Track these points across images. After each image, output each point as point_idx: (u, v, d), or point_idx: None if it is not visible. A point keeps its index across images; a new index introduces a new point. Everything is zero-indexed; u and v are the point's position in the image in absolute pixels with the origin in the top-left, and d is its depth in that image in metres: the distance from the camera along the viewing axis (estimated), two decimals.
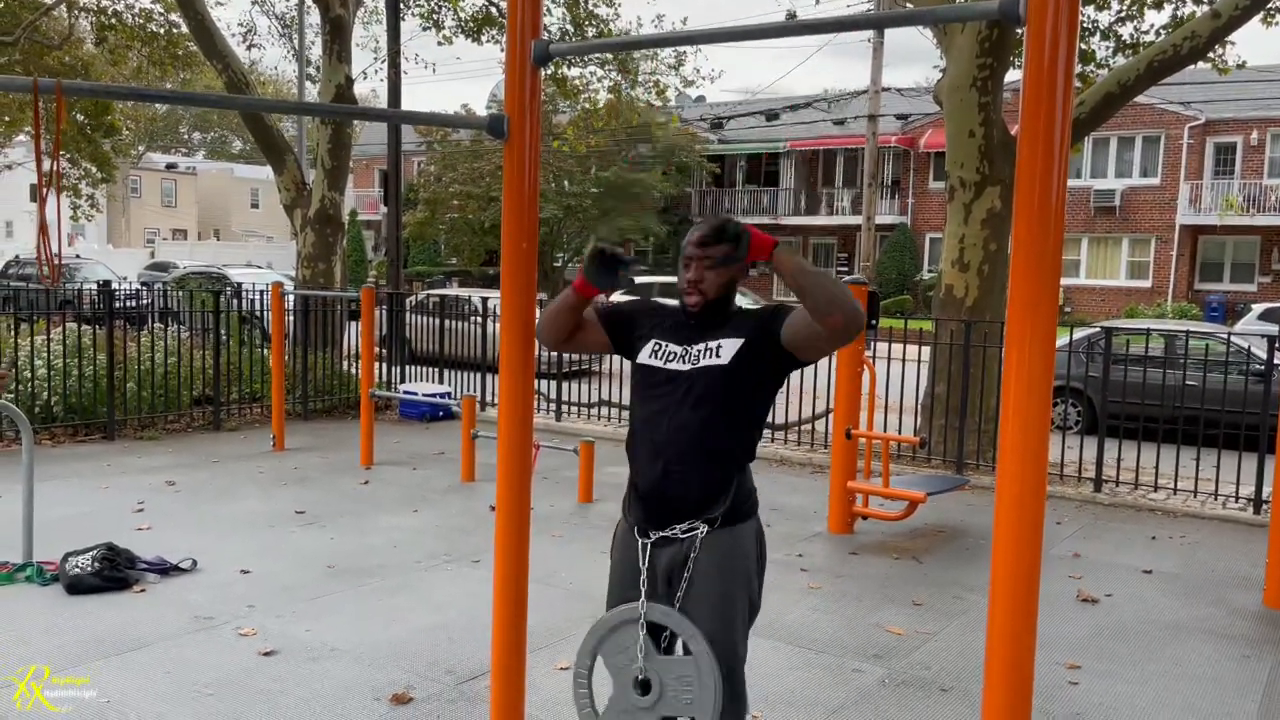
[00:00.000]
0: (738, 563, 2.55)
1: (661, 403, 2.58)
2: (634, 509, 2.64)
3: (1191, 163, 26.83)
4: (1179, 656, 4.43)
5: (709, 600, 2.51)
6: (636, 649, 2.51)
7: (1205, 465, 7.49)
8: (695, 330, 2.63)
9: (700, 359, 2.57)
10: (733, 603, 2.53)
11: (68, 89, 2.34)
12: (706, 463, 2.54)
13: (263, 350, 10.47)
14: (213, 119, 57.96)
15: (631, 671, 2.52)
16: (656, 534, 2.57)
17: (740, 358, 2.53)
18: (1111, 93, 8.64)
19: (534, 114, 2.78)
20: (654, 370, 2.64)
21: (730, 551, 2.54)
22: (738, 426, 2.58)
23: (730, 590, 2.53)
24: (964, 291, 8.41)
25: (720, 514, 2.53)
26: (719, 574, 2.52)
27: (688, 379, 2.56)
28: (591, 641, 2.61)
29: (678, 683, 2.47)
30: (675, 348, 2.63)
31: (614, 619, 2.57)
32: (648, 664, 2.50)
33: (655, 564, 2.58)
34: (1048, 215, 2.08)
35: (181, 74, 18.50)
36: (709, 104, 37.62)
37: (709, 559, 2.52)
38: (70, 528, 5.71)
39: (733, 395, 2.54)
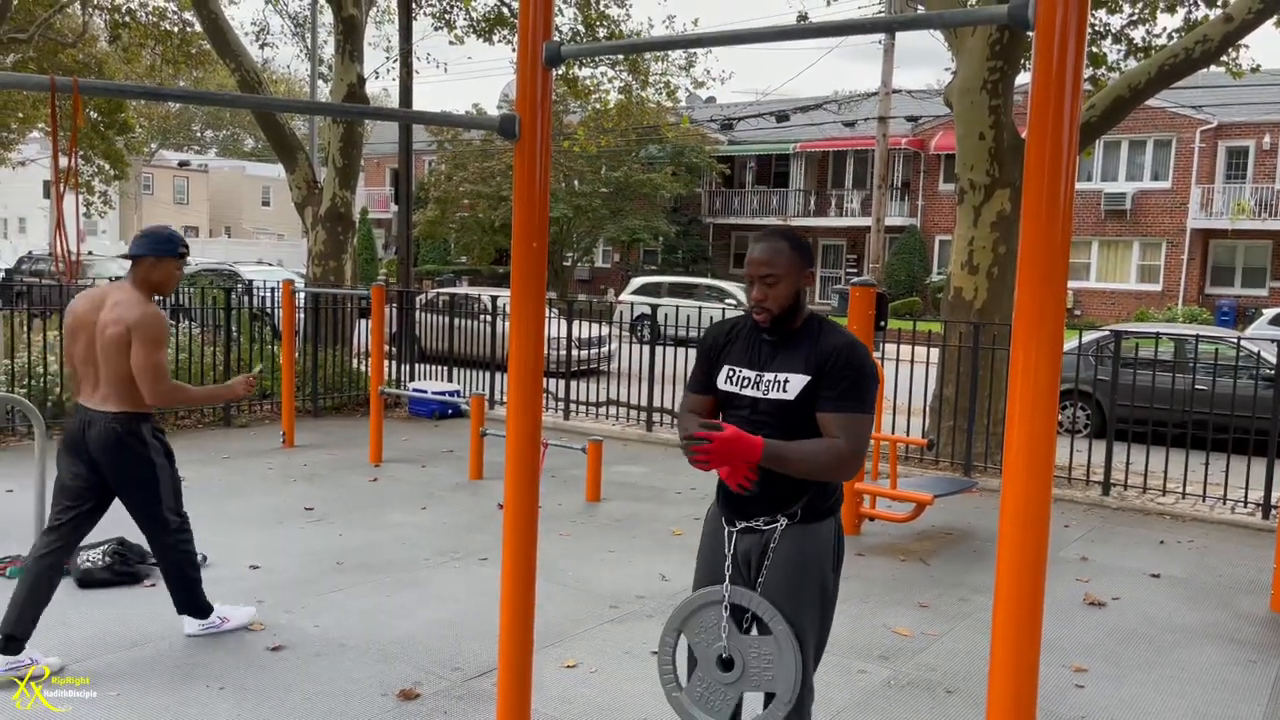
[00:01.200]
0: (813, 556, 2.67)
1: (739, 421, 2.69)
2: (722, 497, 2.78)
3: (1203, 166, 26.72)
4: (1186, 661, 4.42)
5: (782, 588, 2.63)
6: (719, 629, 2.65)
7: (1214, 470, 7.47)
8: (768, 350, 2.72)
9: (770, 390, 2.68)
10: (803, 592, 2.65)
11: (85, 87, 2.37)
12: (780, 476, 2.64)
13: (273, 347, 10.52)
14: (225, 117, 58.18)
15: (715, 650, 2.66)
16: (742, 524, 2.72)
17: (805, 395, 2.64)
18: (1122, 96, 8.63)
19: (545, 115, 2.80)
20: (730, 395, 2.76)
21: (806, 545, 2.66)
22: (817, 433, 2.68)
23: (803, 581, 2.65)
24: (973, 294, 8.41)
25: (799, 509, 2.66)
26: (794, 565, 2.65)
27: (759, 407, 2.68)
28: (676, 621, 2.74)
29: (759, 660, 2.61)
30: (748, 373, 2.73)
31: (698, 600, 2.70)
32: (731, 643, 2.64)
33: (738, 548, 2.72)
34: (1055, 218, 2.09)
35: (194, 72, 18.59)
36: (719, 105, 37.64)
37: (786, 550, 2.65)
38: None
39: (800, 425, 2.64)
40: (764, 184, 34.31)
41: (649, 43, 4.57)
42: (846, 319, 6.48)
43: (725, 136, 33.57)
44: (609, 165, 30.33)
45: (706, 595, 2.69)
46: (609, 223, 30.92)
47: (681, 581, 5.10)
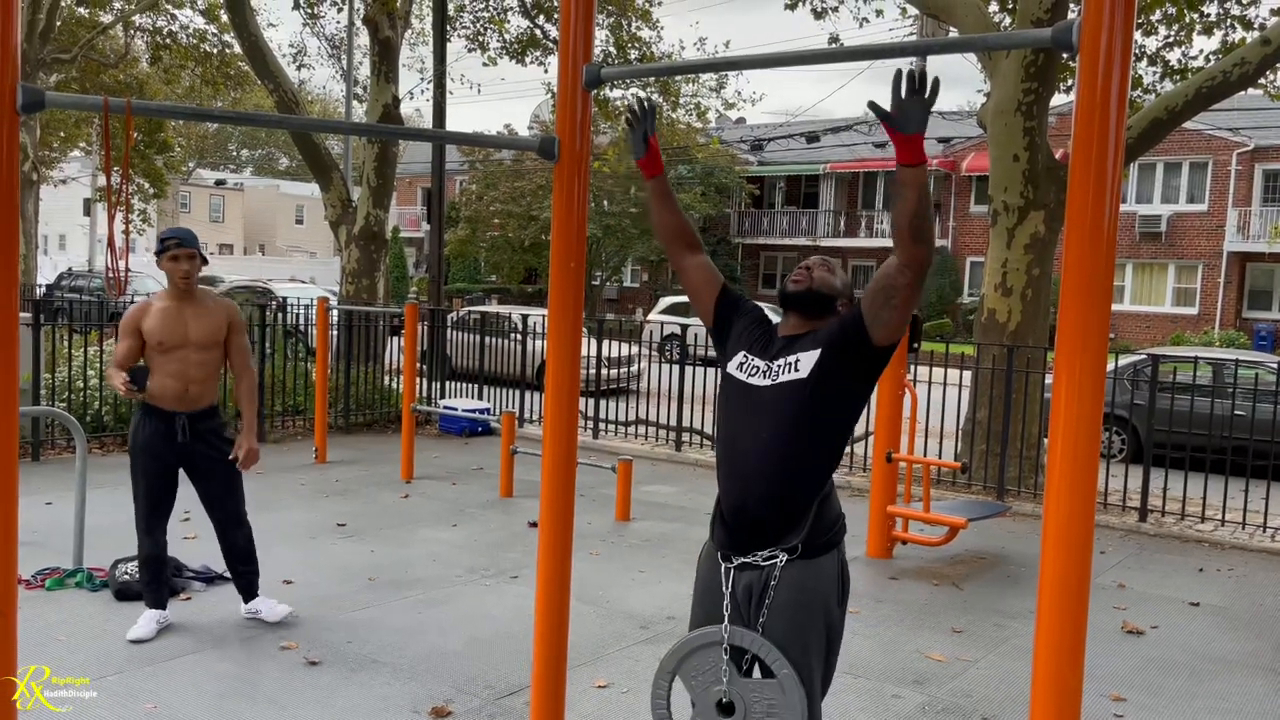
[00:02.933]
0: (816, 594, 2.53)
1: (742, 420, 2.60)
2: (718, 531, 2.65)
3: (1240, 189, 26.42)
4: (1226, 691, 4.34)
5: (786, 628, 2.50)
6: (719, 671, 2.51)
7: (1254, 496, 7.34)
8: (782, 345, 2.64)
9: (780, 374, 2.57)
10: (807, 633, 2.52)
11: (136, 108, 2.42)
12: (784, 484, 2.53)
13: (306, 364, 10.62)
14: (260, 136, 59.10)
15: (714, 694, 2.52)
16: (739, 559, 2.57)
17: (819, 367, 2.52)
18: (1159, 118, 8.56)
19: (585, 136, 2.82)
20: (737, 384, 2.65)
21: (808, 583, 2.53)
22: (816, 444, 2.56)
23: (806, 621, 2.52)
24: (1006, 316, 8.34)
25: (799, 542, 2.52)
26: (796, 605, 2.51)
27: (767, 395, 2.57)
28: (672, 662, 2.61)
29: (761, 705, 2.47)
30: (760, 362, 2.63)
31: (696, 640, 2.57)
32: (731, 687, 2.50)
33: (735, 586, 2.58)
34: (1099, 241, 2.08)
35: (232, 93, 18.90)
36: (749, 125, 37.69)
37: (787, 589, 2.51)
38: (119, 535, 5.81)
39: (812, 410, 2.53)
40: (793, 204, 34.29)
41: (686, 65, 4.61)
42: None
43: (755, 157, 33.61)
44: (638, 185, 30.46)
45: (704, 636, 2.55)
46: (638, 242, 31.01)
47: None
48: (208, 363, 4.45)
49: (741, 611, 2.57)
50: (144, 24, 18.60)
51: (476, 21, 14.54)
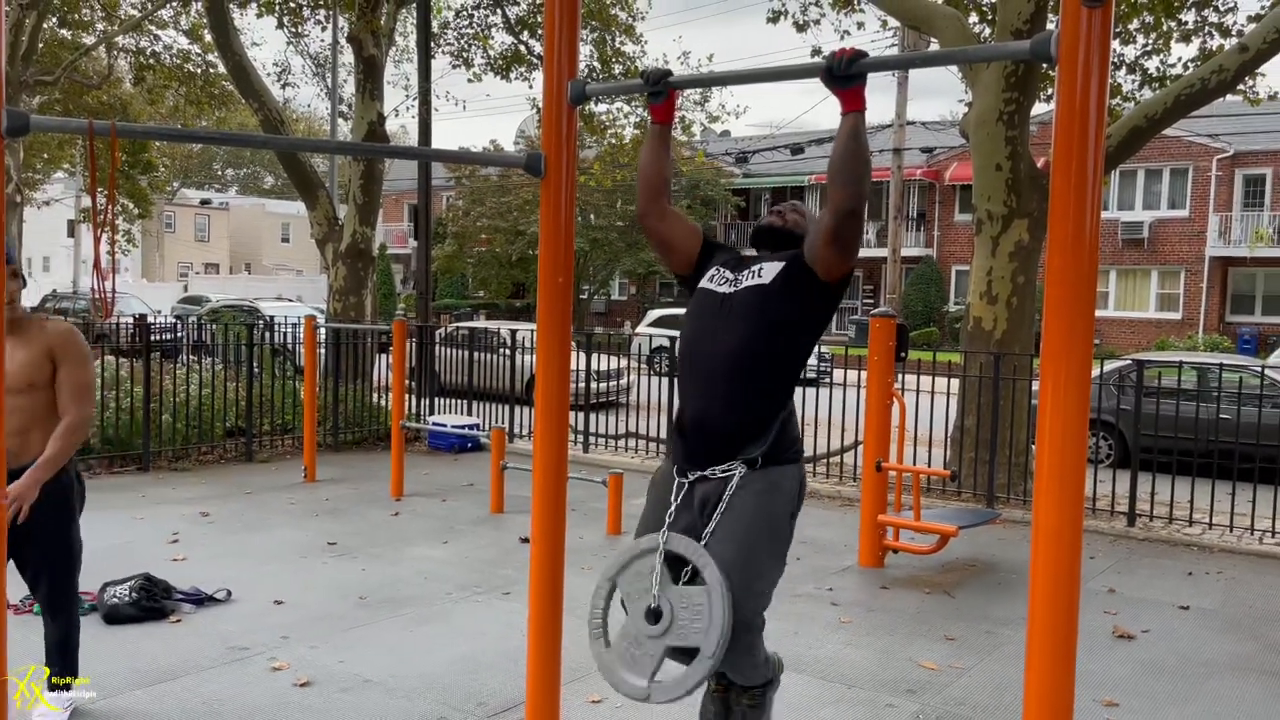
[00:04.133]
0: (770, 501, 2.59)
1: (706, 323, 2.72)
2: (677, 446, 2.73)
3: (1220, 194, 26.65)
4: (1218, 694, 4.36)
5: (733, 535, 2.55)
6: (652, 578, 2.52)
7: (1241, 500, 7.39)
8: (751, 261, 2.83)
9: (744, 281, 2.75)
10: (756, 538, 2.56)
11: (121, 131, 2.42)
12: (747, 386, 2.61)
13: (294, 382, 10.60)
14: (245, 155, 59.00)
15: (645, 600, 2.53)
16: (695, 473, 2.64)
17: (781, 277, 2.69)
18: (1139, 126, 8.64)
19: (571, 152, 2.84)
20: (705, 293, 2.80)
21: (764, 491, 2.59)
22: (778, 346, 2.67)
23: (755, 525, 2.56)
24: (992, 324, 8.39)
25: (759, 454, 2.59)
26: (748, 510, 2.57)
27: (731, 300, 2.72)
28: (612, 569, 2.62)
29: (688, 611, 2.46)
30: (728, 274, 2.81)
31: (634, 548, 2.60)
32: (661, 593, 2.52)
33: (690, 499, 2.65)
34: (1081, 248, 2.10)
35: (217, 112, 18.87)
36: (734, 138, 37.85)
37: (742, 496, 2.58)
38: (108, 558, 5.78)
39: (772, 312, 2.66)
40: None
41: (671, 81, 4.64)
42: (867, 350, 6.48)
43: (740, 169, 33.74)
44: (625, 199, 30.53)
45: (645, 543, 2.59)
46: (625, 255, 31.07)
47: None
48: (25, 409, 3.48)
49: (692, 523, 2.63)
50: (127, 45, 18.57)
51: (461, 38, 14.59)
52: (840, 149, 2.55)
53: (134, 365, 9.24)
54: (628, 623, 2.56)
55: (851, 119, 2.52)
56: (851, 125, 2.53)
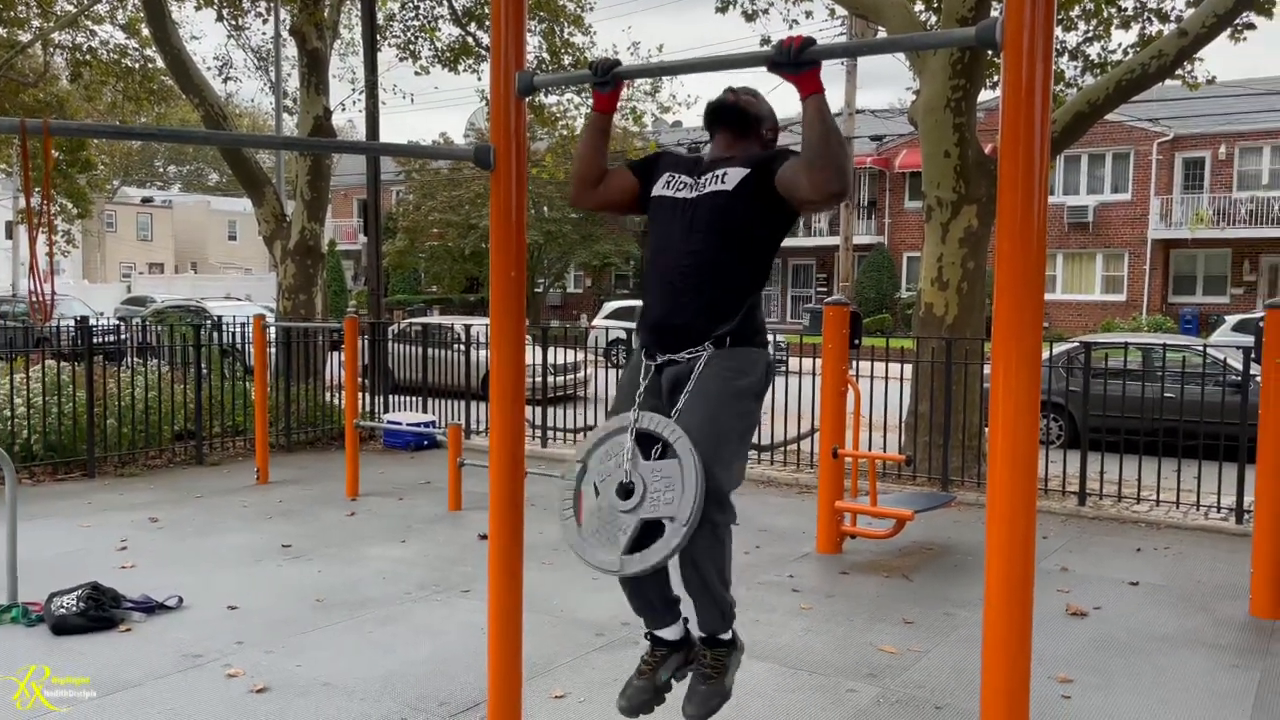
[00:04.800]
0: (738, 377, 2.61)
1: (671, 229, 2.69)
2: (643, 335, 2.74)
3: (1161, 178, 27.23)
4: (1169, 667, 4.45)
5: (701, 406, 2.57)
6: (623, 455, 2.54)
7: (1187, 476, 7.56)
8: (709, 165, 2.78)
9: (706, 185, 2.70)
10: (724, 410, 2.58)
11: (55, 129, 2.35)
12: (714, 286, 2.61)
13: (244, 383, 10.42)
14: (188, 152, 57.84)
15: (617, 477, 2.55)
16: (663, 357, 2.67)
17: (745, 184, 2.65)
18: (1082, 112, 8.78)
19: (520, 144, 2.81)
20: (664, 199, 2.76)
21: (732, 368, 2.62)
22: (744, 252, 2.67)
23: (724, 399, 2.58)
24: (944, 310, 8.49)
25: (727, 334, 2.61)
26: (716, 386, 2.59)
27: (694, 205, 2.69)
28: (584, 449, 2.64)
29: (660, 484, 2.47)
30: (686, 178, 2.77)
31: (606, 429, 2.61)
32: (632, 468, 2.53)
33: (658, 381, 2.67)
34: (1030, 232, 2.12)
35: (157, 108, 18.47)
36: (686, 129, 37.86)
37: (710, 372, 2.61)
38: (54, 567, 5.65)
39: (737, 219, 2.64)
40: None
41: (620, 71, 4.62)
42: (821, 338, 6.52)
43: None
44: None
45: (616, 422, 2.60)
46: (580, 248, 30.99)
47: None
48: None
49: (662, 401, 2.64)
50: (63, 41, 18.09)
51: (407, 30, 14.39)
52: (814, 134, 2.49)
53: (76, 369, 9.02)
54: (598, 500, 2.57)
55: (815, 101, 2.49)
56: (817, 107, 2.49)
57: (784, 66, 2.40)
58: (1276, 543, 5.11)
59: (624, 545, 2.50)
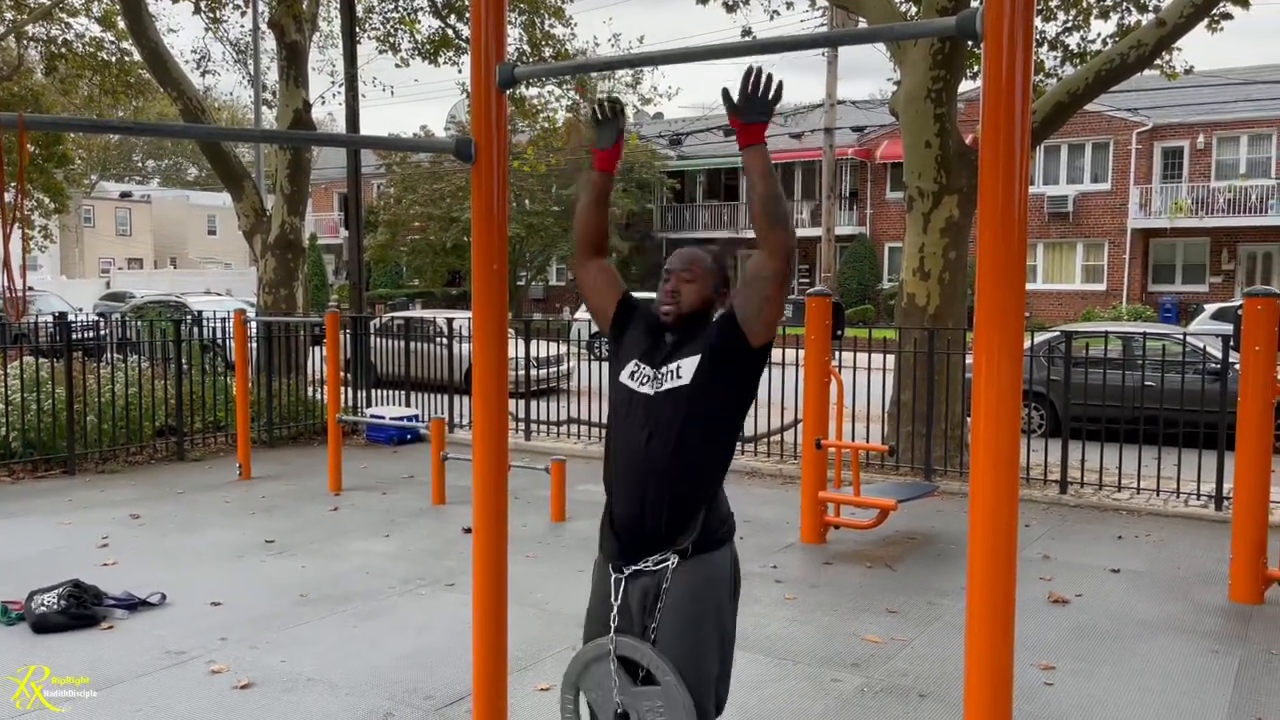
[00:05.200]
0: (709, 592, 2.56)
1: (630, 428, 2.60)
2: (609, 543, 2.66)
3: (1140, 167, 27.39)
4: (1150, 654, 4.50)
5: (678, 630, 2.52)
6: (611, 683, 2.55)
7: (1167, 464, 7.62)
8: (668, 350, 2.65)
9: (664, 382, 2.59)
10: (701, 630, 2.54)
11: (30, 122, 2.32)
12: (674, 489, 2.54)
13: (226, 378, 10.35)
14: (167, 146, 57.34)
15: (611, 704, 2.57)
16: (630, 568, 2.59)
17: (701, 372, 2.54)
18: (1062, 102, 8.82)
19: (501, 136, 2.79)
20: (627, 391, 2.66)
21: (700, 581, 2.55)
22: (704, 447, 2.58)
23: (699, 618, 2.54)
24: (926, 300, 8.52)
25: (690, 543, 2.54)
26: (689, 603, 2.53)
27: (654, 405, 2.57)
28: (571, 676, 2.66)
29: (651, 713, 2.50)
30: (648, 369, 2.65)
31: (587, 654, 2.62)
32: (622, 696, 2.54)
33: (629, 595, 2.60)
34: (1011, 221, 2.13)
35: (134, 101, 18.29)
36: (667, 120, 37.84)
37: (679, 589, 2.53)
38: (34, 565, 5.60)
39: (697, 415, 2.54)
40: (715, 198, 34.53)
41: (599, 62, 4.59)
42: (804, 329, 6.53)
43: (674, 152, 33.75)
44: (559, 183, 30.35)
45: (596, 649, 2.60)
46: (562, 240, 30.88)
47: None
48: None
49: (635, 618, 2.59)
50: (38, 34, 17.88)
51: (387, 22, 14.29)
52: (762, 190, 2.49)
53: (55, 365, 8.94)
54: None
55: (758, 153, 2.50)
56: (763, 162, 2.51)
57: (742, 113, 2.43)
58: (1255, 529, 5.17)
59: None
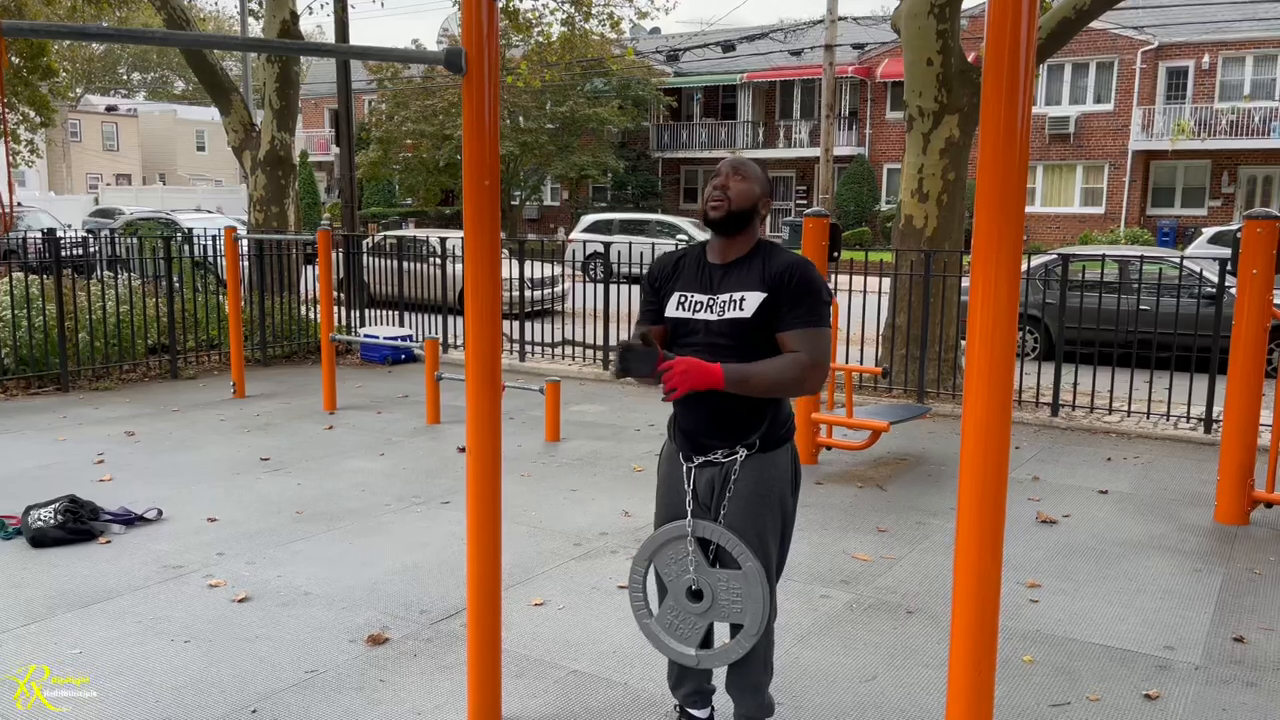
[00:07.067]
0: (773, 484, 2.72)
1: (694, 350, 2.67)
2: (678, 436, 2.80)
3: (1144, 88, 26.97)
4: (1134, 572, 4.57)
5: (746, 518, 2.69)
6: (688, 562, 2.70)
7: (1158, 388, 7.67)
8: (719, 273, 2.71)
9: (726, 310, 2.65)
10: (765, 520, 2.71)
11: (9, 29, 2.25)
12: (737, 406, 2.67)
13: (218, 296, 10.30)
14: (152, 58, 56.09)
15: (684, 581, 2.72)
16: (700, 459, 2.74)
17: (762, 311, 2.63)
18: (1068, 18, 8.62)
19: (493, 47, 2.72)
20: (683, 322, 2.73)
21: (766, 473, 2.71)
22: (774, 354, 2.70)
23: (764, 509, 2.70)
24: (923, 222, 8.45)
25: (757, 439, 2.69)
26: (755, 494, 2.69)
27: (716, 329, 2.66)
28: (646, 553, 2.79)
29: (728, 593, 2.66)
30: (700, 296, 2.71)
31: (664, 535, 2.75)
32: (699, 575, 2.69)
33: (698, 482, 2.75)
34: (1013, 143, 2.09)
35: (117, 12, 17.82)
36: (664, 35, 37.06)
37: (746, 480, 2.69)
38: (29, 481, 5.64)
39: (759, 344, 2.65)
40: (712, 116, 34.00)
41: None
42: (800, 250, 6.48)
43: (671, 68, 33.12)
44: (554, 100, 29.82)
45: (672, 530, 2.74)
46: (556, 159, 30.50)
47: (644, 517, 5.14)
48: None
49: (703, 506, 2.75)
50: None
51: None
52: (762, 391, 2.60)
53: (45, 282, 8.87)
54: (669, 598, 2.77)
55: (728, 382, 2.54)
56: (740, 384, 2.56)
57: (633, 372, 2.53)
58: (1243, 450, 5.21)
59: (698, 641, 2.73)
